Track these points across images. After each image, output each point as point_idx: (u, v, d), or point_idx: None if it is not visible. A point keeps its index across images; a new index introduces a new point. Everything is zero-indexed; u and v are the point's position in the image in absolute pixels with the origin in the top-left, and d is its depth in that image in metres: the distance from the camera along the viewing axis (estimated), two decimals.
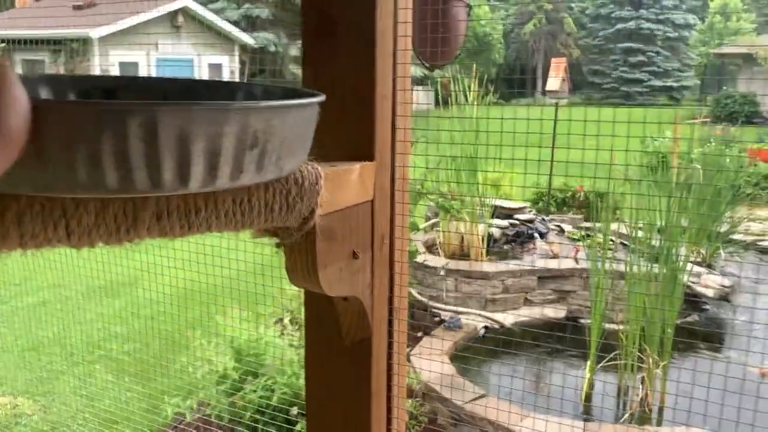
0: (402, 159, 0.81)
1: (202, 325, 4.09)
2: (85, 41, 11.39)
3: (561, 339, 4.57)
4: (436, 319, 4.66)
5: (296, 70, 15.13)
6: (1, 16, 13.59)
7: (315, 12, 0.77)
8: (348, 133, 0.78)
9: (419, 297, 4.90)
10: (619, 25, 30.40)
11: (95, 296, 5.73)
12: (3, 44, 11.38)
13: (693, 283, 5.05)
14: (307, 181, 0.68)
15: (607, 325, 4.32)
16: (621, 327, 4.28)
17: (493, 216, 5.64)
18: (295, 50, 14.98)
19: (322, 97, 0.63)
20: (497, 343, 4.35)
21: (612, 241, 4.90)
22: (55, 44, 11.75)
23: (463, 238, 5.31)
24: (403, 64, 0.79)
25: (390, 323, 0.84)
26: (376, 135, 0.77)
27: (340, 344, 0.80)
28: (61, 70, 11.78)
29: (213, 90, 0.73)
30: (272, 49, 14.36)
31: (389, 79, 0.78)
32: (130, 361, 4.60)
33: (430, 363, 3.92)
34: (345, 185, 0.73)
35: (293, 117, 0.58)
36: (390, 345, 0.84)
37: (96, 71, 11.47)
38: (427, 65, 0.96)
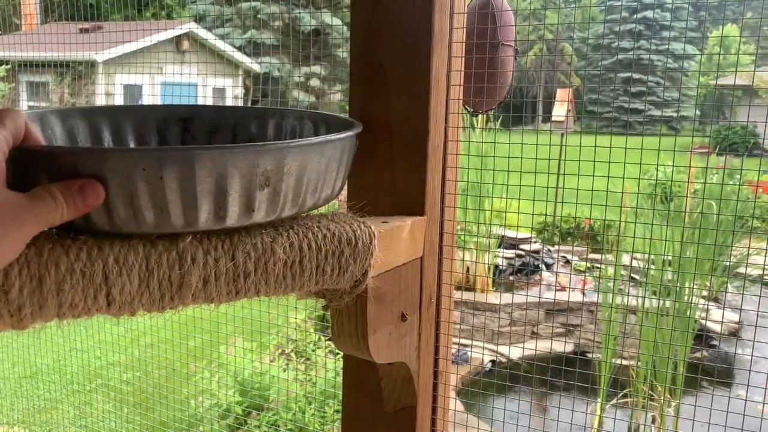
0: (450, 213, 0.76)
1: (204, 355, 4.01)
2: (91, 64, 11.44)
3: (569, 374, 4.48)
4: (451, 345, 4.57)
5: (300, 95, 15.18)
6: (7, 39, 13.64)
7: (366, 58, 0.73)
8: (398, 184, 0.73)
9: None
10: (620, 55, 30.68)
11: (95, 322, 5.65)
12: (8, 65, 11.42)
13: (702, 318, 4.99)
14: (360, 242, 0.63)
15: (617, 361, 4.25)
16: (631, 363, 4.20)
17: (499, 246, 5.60)
18: (298, 76, 15.05)
19: (355, 130, 0.62)
20: (504, 378, 4.27)
21: (622, 275, 4.85)
22: (60, 67, 11.78)
23: (468, 268, 5.26)
24: (455, 114, 0.75)
25: (435, 388, 0.78)
26: (428, 188, 0.73)
27: (381, 411, 0.75)
28: (66, 93, 11.82)
29: (277, 117, 0.74)
30: (276, 74, 14.43)
31: (441, 129, 0.73)
32: (130, 391, 4.51)
33: None
34: (397, 243, 0.68)
35: (312, 154, 0.56)
36: (434, 411, 0.79)
37: (101, 94, 11.49)
38: (471, 110, 0.92)
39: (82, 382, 4.59)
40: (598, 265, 5.71)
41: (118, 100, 11.80)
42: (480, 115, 0.95)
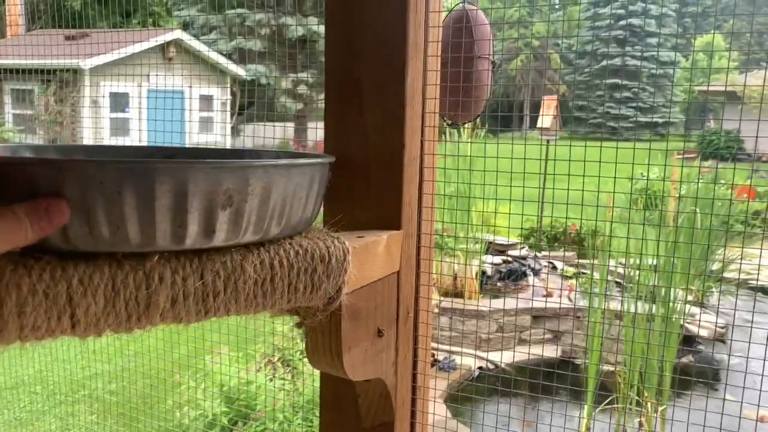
0: (428, 226, 0.76)
1: (190, 364, 3.97)
2: (76, 72, 11.37)
3: (557, 379, 4.49)
4: (430, 359, 4.57)
5: (287, 102, 15.16)
6: None
7: (340, 73, 0.72)
8: (374, 198, 0.72)
9: None
10: (605, 62, 30.92)
11: None
12: None
13: (687, 323, 5.01)
14: (334, 258, 0.63)
15: (604, 367, 4.26)
16: (617, 368, 4.21)
17: (486, 252, 5.60)
18: (286, 83, 15.04)
19: (325, 159, 0.61)
20: (492, 384, 4.26)
21: (608, 280, 4.87)
22: (45, 74, 11.71)
23: (456, 275, 5.26)
24: (431, 127, 0.74)
25: (413, 403, 0.78)
26: (404, 201, 0.72)
27: (359, 428, 0.74)
28: (51, 101, 11.73)
29: (254, 157, 0.73)
30: (263, 81, 14.40)
31: (417, 142, 0.73)
32: (115, 401, 4.46)
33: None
34: (372, 258, 0.67)
35: (278, 177, 0.55)
36: (412, 426, 0.78)
37: (86, 102, 11.41)
38: (449, 122, 0.91)
39: (66, 393, 4.54)
40: (585, 271, 5.73)
41: (105, 108, 11.73)
42: (458, 127, 0.94)
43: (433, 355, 4.62)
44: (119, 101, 11.91)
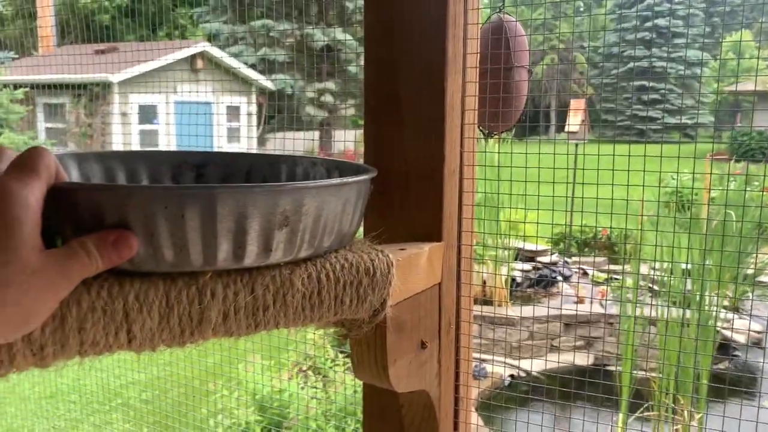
0: (468, 237, 0.76)
1: (223, 372, 4.01)
2: (106, 85, 11.58)
3: (591, 387, 4.43)
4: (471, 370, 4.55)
5: (312, 111, 15.26)
6: (24, 62, 13.88)
7: (379, 88, 0.73)
8: (414, 210, 0.73)
9: None
10: (632, 64, 30.62)
11: None
12: (25, 88, 11.60)
13: (723, 328, 4.92)
14: (378, 271, 0.63)
15: (638, 373, 4.20)
16: (653, 375, 4.15)
17: (515, 259, 5.57)
18: (311, 92, 15.14)
19: (370, 174, 0.62)
20: (523, 392, 4.23)
21: (640, 286, 4.80)
22: (76, 88, 11.96)
23: (485, 282, 5.24)
24: (470, 138, 0.75)
25: (456, 414, 0.78)
26: (444, 213, 0.72)
27: None
28: (82, 114, 11.97)
29: (289, 163, 0.75)
30: (289, 91, 14.54)
31: (457, 154, 0.73)
32: (149, 410, 4.52)
33: None
34: (415, 270, 0.68)
35: (329, 196, 0.57)
36: None
37: (116, 114, 11.63)
38: (486, 132, 0.92)
39: (101, 402, 4.62)
40: (617, 276, 5.66)
41: (134, 120, 11.93)
42: (494, 137, 0.94)
43: None
44: (148, 113, 12.11)
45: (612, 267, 5.98)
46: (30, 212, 0.45)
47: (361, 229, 0.76)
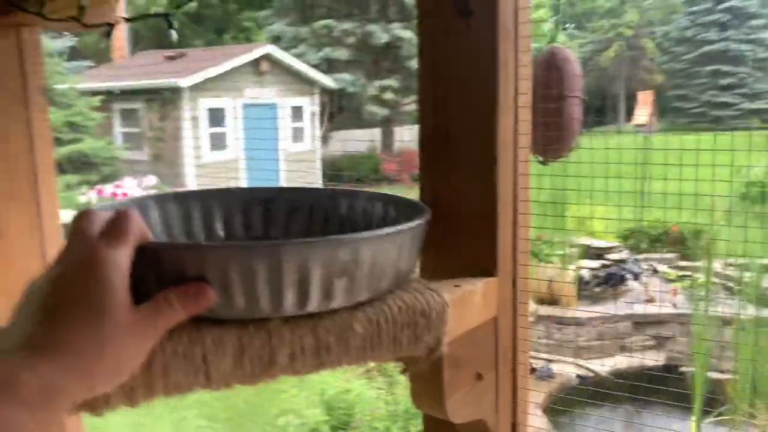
0: (523, 271, 0.78)
1: None
2: (177, 90, 11.99)
3: (661, 389, 4.32)
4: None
5: (374, 108, 15.36)
6: (100, 70, 14.52)
7: (433, 127, 0.76)
8: (469, 246, 0.76)
9: None
10: (705, 48, 29.32)
11: None
12: (102, 96, 12.16)
13: None
14: (434, 312, 0.66)
15: (712, 374, 4.07)
16: (728, 377, 4.01)
17: (583, 256, 5.48)
18: (373, 90, 15.24)
19: (425, 217, 0.65)
20: (592, 394, 4.17)
21: (714, 282, 4.65)
22: (149, 93, 12.44)
23: (551, 281, 5.17)
24: (524, 175, 0.77)
25: None
26: (499, 249, 0.75)
27: None
28: (154, 119, 12.42)
29: (349, 198, 0.80)
30: (351, 89, 14.67)
31: (510, 190, 0.76)
32: (222, 407, 4.70)
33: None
34: (470, 308, 0.71)
35: (385, 244, 0.60)
36: None
37: (186, 118, 12.02)
38: (541, 159, 0.93)
39: (178, 398, 4.82)
40: (689, 273, 5.48)
41: (203, 124, 12.31)
42: (548, 164, 0.95)
43: (531, 364, 4.58)
44: (216, 116, 12.48)
45: (684, 263, 5.79)
46: (121, 275, 0.50)
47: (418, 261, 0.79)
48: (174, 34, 0.89)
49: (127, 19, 0.96)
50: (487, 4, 0.70)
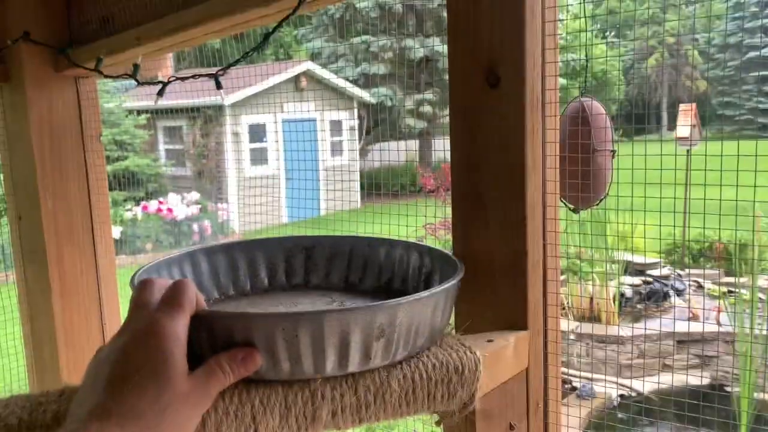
0: (553, 323, 0.82)
1: None
2: (219, 107, 12.25)
3: (707, 409, 4.24)
4: (567, 386, 4.49)
5: (411, 121, 15.43)
6: (145, 89, 14.82)
7: (465, 188, 0.80)
8: (501, 300, 0.80)
9: None
10: (751, 54, 28.62)
11: None
12: (147, 114, 12.51)
13: None
14: (467, 369, 0.70)
15: (758, 395, 3.97)
16: None
17: (624, 272, 5.41)
18: (410, 103, 15.32)
19: (458, 276, 0.69)
20: (634, 413, 4.11)
21: (760, 299, 4.54)
22: (192, 111, 12.72)
23: (592, 298, 5.12)
24: (552, 232, 0.81)
25: None
26: (529, 304, 0.79)
27: None
28: (198, 135, 12.71)
29: (386, 246, 0.86)
30: (389, 103, 14.78)
31: (540, 248, 0.79)
32: None
33: None
34: (502, 362, 0.74)
35: (420, 306, 0.65)
36: None
37: (228, 135, 12.27)
38: (571, 208, 0.97)
39: None
40: (734, 290, 5.37)
41: (244, 139, 12.55)
42: (580, 213, 0.98)
43: (570, 382, 4.53)
44: (257, 132, 12.71)
45: (728, 279, 5.67)
46: (179, 344, 0.55)
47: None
48: (222, 95, 0.95)
49: (179, 78, 1.03)
50: (515, 73, 0.74)
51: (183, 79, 1.02)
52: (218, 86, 0.94)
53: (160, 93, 0.99)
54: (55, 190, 1.32)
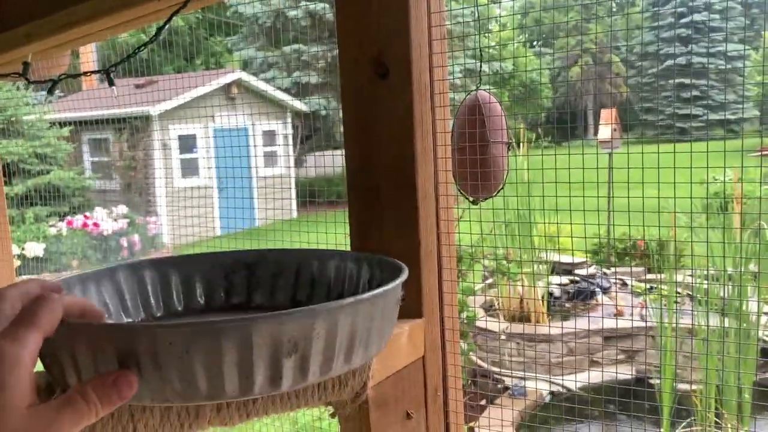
0: (450, 310, 0.83)
1: None
2: (146, 118, 11.94)
3: (633, 402, 4.38)
4: (500, 386, 4.57)
5: None
6: (69, 98, 14.33)
7: (360, 181, 0.81)
8: None
9: (481, 363, 4.81)
10: (669, 62, 30.04)
11: None
12: (71, 126, 12.07)
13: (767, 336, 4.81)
14: None
15: (680, 386, 4.14)
16: (695, 388, 4.09)
17: (552, 272, 5.56)
18: None
19: (397, 282, 0.62)
20: (565, 410, 4.21)
21: (678, 293, 4.74)
22: (118, 122, 12.36)
23: (522, 298, 5.24)
24: (446, 221, 0.82)
25: None
26: (423, 292, 0.79)
27: None
28: (125, 147, 12.35)
29: (336, 259, 0.76)
30: (323, 112, 14.75)
31: (433, 237, 0.80)
32: None
33: None
34: (396, 350, 0.75)
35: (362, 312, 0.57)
36: None
37: (156, 146, 11.98)
38: (470, 198, 0.98)
39: None
40: (656, 286, 5.59)
41: (174, 151, 12.27)
42: (479, 203, 1.00)
43: (503, 382, 4.61)
44: (187, 142, 12.45)
45: (651, 276, 5.90)
46: (20, 370, 0.45)
47: None
48: (114, 91, 0.93)
49: (69, 76, 0.99)
50: (402, 64, 0.75)
51: (74, 76, 0.99)
52: (110, 83, 0.91)
53: (50, 91, 0.96)
54: None
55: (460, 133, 0.94)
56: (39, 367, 0.54)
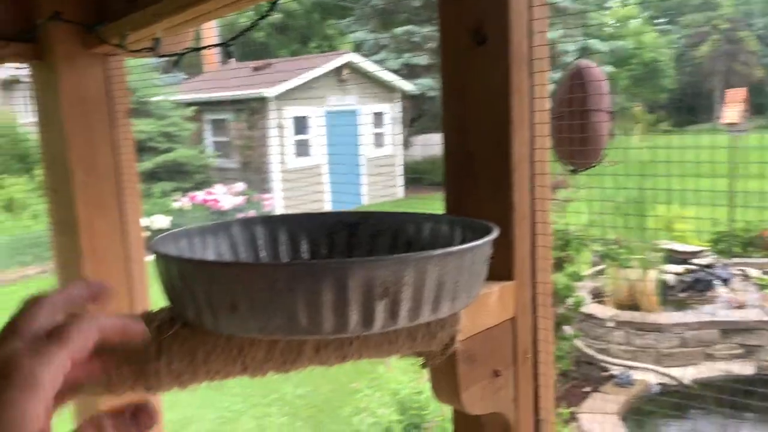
0: (543, 275, 0.84)
1: (366, 371, 4.24)
2: (263, 99, 12.45)
3: (752, 398, 4.13)
4: (605, 374, 4.45)
5: None
6: (193, 80, 15.20)
7: (456, 146, 0.83)
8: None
9: (586, 350, 4.70)
10: None
11: None
12: (195, 107, 12.80)
13: None
14: None
15: None
16: None
17: (666, 261, 5.31)
18: None
19: (484, 240, 0.64)
20: (674, 403, 4.05)
21: None
22: (237, 104, 12.96)
23: (632, 286, 5.05)
24: (542, 187, 0.83)
25: None
26: (516, 256, 0.81)
27: None
28: (243, 128, 12.94)
29: (432, 222, 0.79)
30: (431, 94, 14.74)
31: (527, 202, 0.81)
32: (302, 404, 4.88)
33: (601, 424, 3.74)
34: (484, 309, 0.77)
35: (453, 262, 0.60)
36: None
37: (272, 126, 12.45)
38: (571, 168, 0.98)
39: (261, 395, 5.05)
40: None
41: (288, 132, 12.72)
42: (578, 173, 0.99)
43: (608, 370, 4.48)
44: (300, 123, 12.86)
45: None
46: (35, 392, 0.41)
47: None
48: (233, 61, 1.00)
49: (193, 49, 1.08)
50: (500, 31, 0.77)
51: (197, 49, 1.07)
52: (229, 55, 0.99)
53: (176, 63, 1.05)
54: (86, 163, 1.40)
55: (561, 100, 0.94)
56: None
